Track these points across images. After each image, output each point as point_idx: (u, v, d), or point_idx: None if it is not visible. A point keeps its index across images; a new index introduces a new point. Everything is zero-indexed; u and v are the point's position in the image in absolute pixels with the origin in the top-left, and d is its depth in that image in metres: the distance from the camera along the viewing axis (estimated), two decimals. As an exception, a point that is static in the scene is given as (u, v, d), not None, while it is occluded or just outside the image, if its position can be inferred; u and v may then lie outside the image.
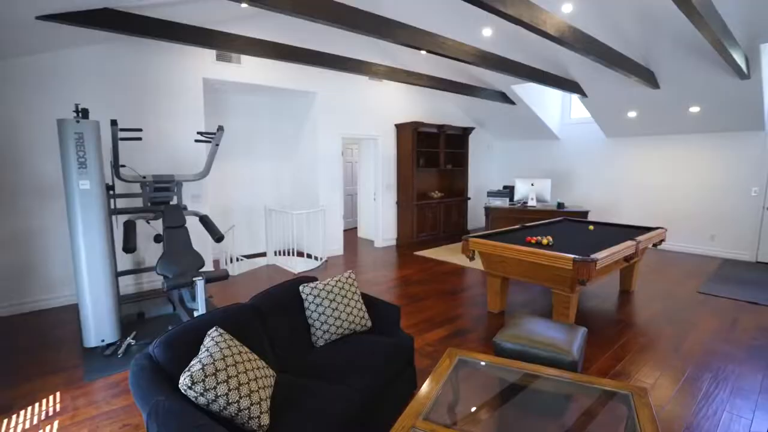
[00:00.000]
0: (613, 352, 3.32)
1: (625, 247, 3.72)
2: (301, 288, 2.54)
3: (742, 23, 4.21)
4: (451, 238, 8.11)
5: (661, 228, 4.64)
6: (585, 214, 6.60)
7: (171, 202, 4.24)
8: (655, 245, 4.62)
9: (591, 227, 4.92)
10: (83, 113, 3.20)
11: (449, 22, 5.58)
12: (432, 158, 8.02)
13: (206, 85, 5.36)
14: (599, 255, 3.34)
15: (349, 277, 2.70)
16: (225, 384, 1.61)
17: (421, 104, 7.86)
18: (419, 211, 7.55)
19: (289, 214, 5.89)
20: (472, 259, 4.20)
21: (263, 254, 6.68)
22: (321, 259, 6.22)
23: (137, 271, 4.40)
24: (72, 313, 4.17)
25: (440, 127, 7.66)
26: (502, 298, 4.21)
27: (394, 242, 7.72)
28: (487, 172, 9.53)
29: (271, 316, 2.36)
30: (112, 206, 3.82)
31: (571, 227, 5.07)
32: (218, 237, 4.02)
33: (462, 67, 6.63)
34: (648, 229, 4.71)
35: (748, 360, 3.18)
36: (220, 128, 3.91)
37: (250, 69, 5.49)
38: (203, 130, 4.20)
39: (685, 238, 6.84)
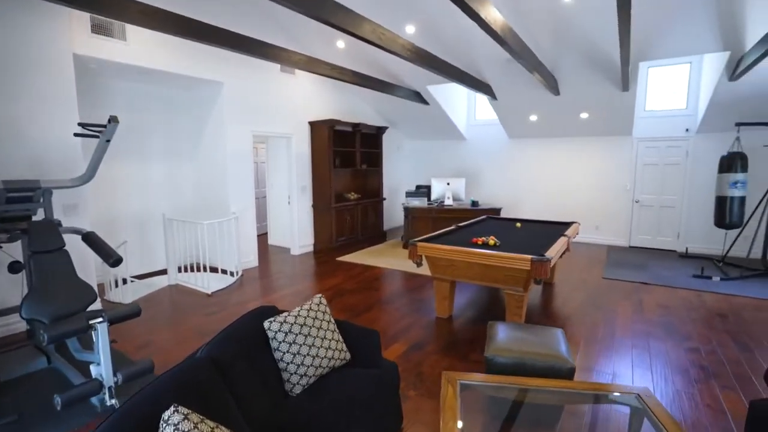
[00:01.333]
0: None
1: (563, 244, 3.93)
2: (266, 325, 2.00)
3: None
4: (369, 241, 7.89)
5: (576, 222, 5.08)
6: (498, 211, 7.00)
7: (35, 217, 3.15)
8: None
9: (518, 224, 5.16)
10: None
11: (375, 14, 5.30)
12: (347, 158, 7.68)
13: (79, 65, 4.17)
14: (551, 253, 3.44)
15: (320, 303, 2.24)
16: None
17: (334, 102, 7.45)
18: (338, 214, 7.15)
19: (198, 224, 4.97)
20: (419, 264, 4.01)
21: (163, 272, 5.56)
22: (236, 273, 5.40)
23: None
24: None
25: (355, 125, 7.36)
26: (450, 302, 4.11)
27: (311, 248, 7.19)
28: (397, 172, 9.55)
29: (231, 367, 1.79)
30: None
31: (499, 225, 5.25)
32: (114, 260, 3.09)
33: (380, 64, 6.43)
34: (565, 224, 5.12)
35: (666, 336, 3.60)
36: (113, 119, 2.99)
37: (139, 48, 4.44)
38: (84, 122, 3.18)
39: (575, 228, 7.76)
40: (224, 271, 5.43)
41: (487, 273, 3.67)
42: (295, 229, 6.81)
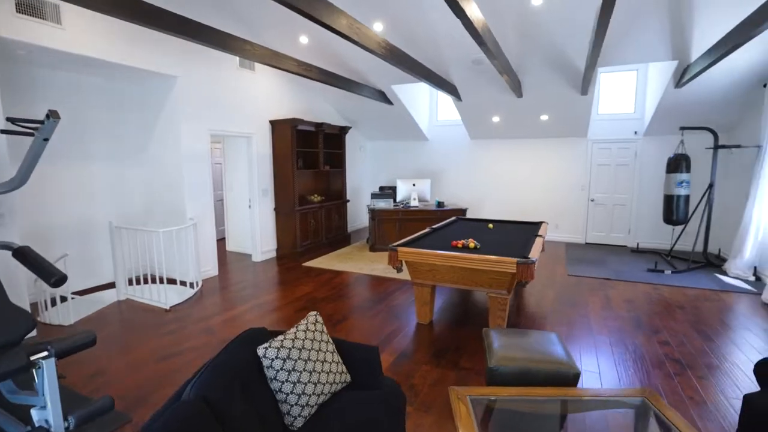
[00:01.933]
0: (547, 346, 3.48)
1: (540, 244, 3.97)
2: (261, 352, 1.76)
3: (585, 50, 4.98)
4: (334, 244, 7.64)
5: (545, 222, 5.20)
6: (464, 211, 7.05)
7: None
8: (539, 238, 5.16)
9: (490, 226, 5.18)
10: None
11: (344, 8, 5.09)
12: (310, 159, 7.38)
13: (2, 49, 3.57)
14: (534, 255, 3.44)
15: (317, 321, 2.02)
16: None
17: (296, 100, 7.13)
18: (302, 218, 6.84)
19: (154, 232, 4.49)
20: (400, 270, 3.87)
21: (109, 286, 4.98)
22: (196, 285, 4.95)
23: None
24: None
25: (318, 125, 7.08)
26: (431, 308, 4.01)
27: (274, 254, 6.82)
28: (359, 173, 9.36)
29: (227, 407, 1.53)
30: None
31: (471, 227, 5.25)
32: (57, 278, 2.63)
33: (344, 62, 6.22)
34: (535, 224, 5.23)
35: (638, 331, 3.75)
36: (53, 114, 2.54)
37: (79, 34, 3.90)
38: (13, 117, 2.67)
39: (534, 227, 8.03)
40: (183, 283, 4.96)
41: (470, 276, 3.62)
42: (257, 234, 6.41)
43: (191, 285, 4.90)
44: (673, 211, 5.89)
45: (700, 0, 4.15)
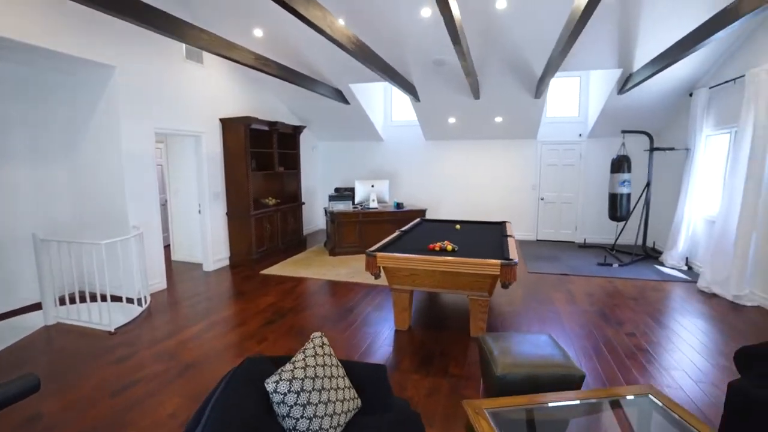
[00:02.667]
0: (528, 346, 3.53)
1: (514, 244, 4.03)
2: (270, 387, 1.52)
3: (544, 55, 5.18)
4: (290, 249, 7.29)
5: (508, 221, 5.33)
6: (424, 212, 7.07)
7: None
8: (504, 237, 5.27)
9: (457, 227, 5.20)
10: None
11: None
12: (264, 160, 6.96)
13: None
14: (514, 256, 3.47)
15: (323, 344, 1.81)
16: None
17: (246, 98, 6.67)
18: (257, 222, 6.42)
19: (94, 245, 3.89)
20: (378, 276, 3.72)
21: (33, 308, 4.26)
22: (144, 301, 4.40)
23: None
24: None
25: (272, 124, 6.69)
26: (410, 313, 3.91)
27: (227, 262, 6.32)
28: (312, 174, 9.03)
29: (240, 457, 1.29)
30: None
31: (437, 228, 5.23)
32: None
33: (300, 58, 5.92)
34: (498, 223, 5.33)
35: (605, 324, 3.95)
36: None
37: (-10, 11, 3.26)
38: None
39: (489, 225, 8.27)
40: (130, 300, 4.38)
41: (452, 280, 3.57)
42: (209, 241, 5.89)
43: (138, 302, 4.35)
44: (617, 208, 6.35)
45: (645, 17, 4.48)
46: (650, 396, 2.09)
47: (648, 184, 6.35)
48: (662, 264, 6.02)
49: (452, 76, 6.03)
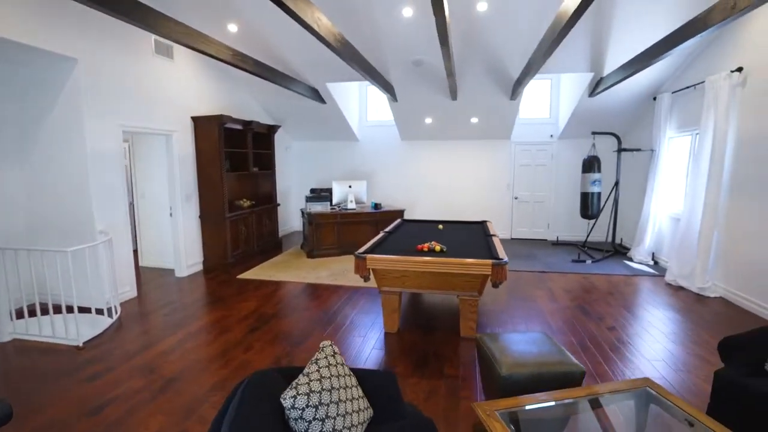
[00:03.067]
0: (517, 343, 3.58)
1: (499, 243, 4.08)
2: (287, 404, 1.43)
3: (521, 57, 5.31)
4: (266, 252, 7.08)
5: (489, 221, 5.41)
6: (402, 212, 7.07)
7: None
8: (485, 236, 5.35)
9: (440, 227, 5.22)
10: None
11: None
12: (238, 160, 6.71)
13: None
14: (504, 256, 3.51)
15: (334, 353, 1.74)
16: None
17: (218, 96, 6.40)
18: (232, 225, 6.18)
19: (59, 252, 3.58)
20: (367, 279, 3.67)
21: (-18, 327, 3.87)
22: (115, 311, 4.11)
23: None
24: None
25: (247, 123, 6.47)
26: (399, 315, 3.88)
27: (200, 267, 6.04)
28: (286, 175, 8.81)
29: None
30: None
31: (420, 228, 5.23)
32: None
33: (276, 55, 5.75)
34: (479, 223, 5.40)
35: (587, 319, 4.08)
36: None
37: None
38: None
39: (465, 225, 8.39)
40: (99, 311, 4.07)
41: (442, 280, 3.56)
42: (181, 245, 5.60)
43: (109, 312, 4.06)
44: (589, 206, 6.60)
45: (616, 24, 4.68)
46: (647, 388, 2.16)
47: (617, 184, 6.65)
48: (631, 259, 6.32)
49: (430, 77, 6.05)
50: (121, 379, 3.00)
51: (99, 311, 4.07)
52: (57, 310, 3.79)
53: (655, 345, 3.53)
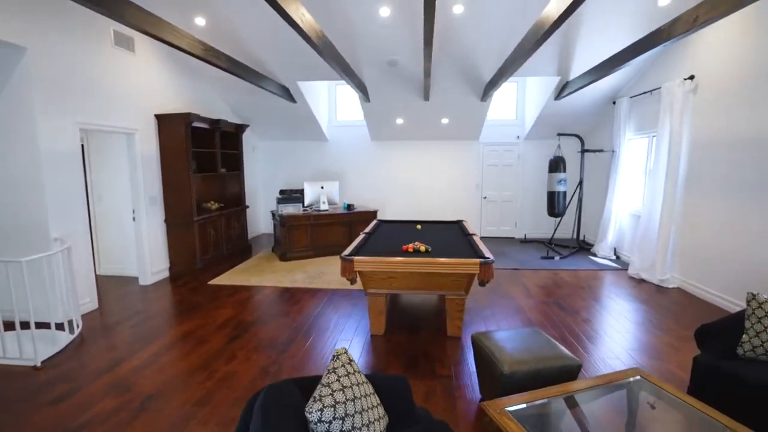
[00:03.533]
0: (502, 340, 3.66)
1: (481, 242, 4.16)
2: (314, 417, 1.36)
3: (494, 60, 5.45)
4: (236, 256, 6.80)
5: (464, 220, 5.50)
6: (375, 213, 7.05)
7: None
8: (462, 236, 5.43)
9: (419, 227, 5.23)
10: None
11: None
12: (204, 161, 6.39)
13: None
14: (490, 255, 3.57)
15: (350, 361, 1.68)
16: None
17: (183, 93, 6.07)
18: (200, 229, 5.88)
19: (11, 262, 3.23)
20: (354, 282, 3.61)
21: None
22: (76, 326, 3.77)
23: None
24: None
25: (215, 122, 6.19)
26: (385, 317, 3.84)
27: (167, 273, 5.70)
28: (252, 176, 8.51)
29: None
30: None
31: (398, 229, 5.22)
32: None
33: (246, 52, 5.53)
34: (455, 222, 5.48)
35: (563, 313, 4.25)
36: None
37: None
38: None
39: (436, 224, 8.49)
40: (59, 326, 3.71)
41: (430, 280, 3.57)
42: (145, 251, 5.25)
43: (70, 327, 3.72)
44: (555, 205, 6.90)
45: (584, 32, 4.92)
46: (639, 377, 2.27)
47: (580, 183, 7.00)
48: (595, 255, 6.67)
49: (404, 77, 6.07)
50: (91, 400, 2.76)
51: (59, 326, 3.72)
52: (9, 326, 3.42)
53: (627, 335, 3.74)
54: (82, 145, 5.59)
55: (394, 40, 5.15)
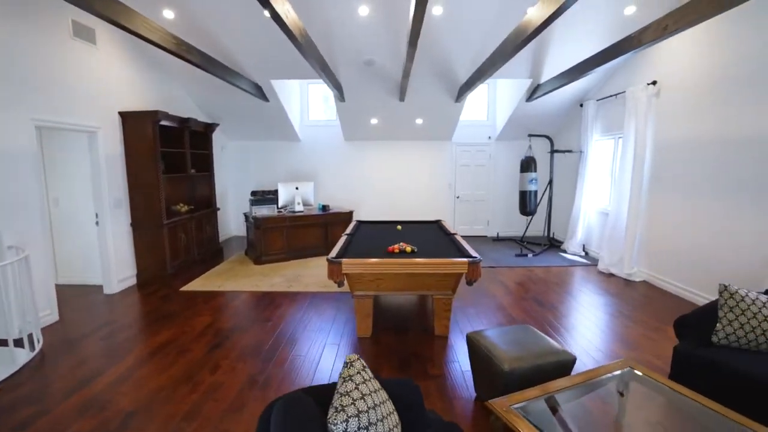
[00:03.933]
0: (488, 338, 3.72)
1: (464, 241, 4.20)
2: (340, 429, 1.31)
3: (470, 61, 5.54)
4: (208, 260, 6.52)
5: (442, 219, 5.55)
6: (351, 214, 6.99)
7: None
8: (441, 235, 5.48)
9: (399, 227, 5.22)
10: None
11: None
12: (173, 161, 6.07)
13: None
14: (477, 254, 3.61)
15: (364, 368, 1.64)
16: None
17: (148, 90, 5.73)
18: (171, 233, 5.59)
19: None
20: (341, 284, 3.54)
21: None
22: (36, 343, 3.46)
23: None
24: None
25: (184, 120, 5.90)
26: (372, 319, 3.80)
27: (134, 281, 5.37)
28: (221, 177, 8.19)
29: None
30: None
31: (379, 229, 5.19)
32: None
33: (218, 47, 5.31)
34: (434, 222, 5.53)
35: (543, 309, 4.38)
36: None
37: None
38: None
39: (411, 224, 8.52)
40: (18, 342, 3.39)
41: (417, 281, 3.57)
42: (111, 258, 4.92)
43: (30, 342, 3.41)
44: (527, 204, 7.11)
45: (557, 36, 5.09)
46: (630, 368, 2.37)
47: (550, 182, 7.26)
48: (565, 251, 6.93)
49: (380, 77, 6.05)
50: (63, 423, 2.54)
51: (18, 342, 3.40)
52: (-41, 345, 3.08)
53: (605, 328, 3.91)
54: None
55: (372, 40, 5.11)
